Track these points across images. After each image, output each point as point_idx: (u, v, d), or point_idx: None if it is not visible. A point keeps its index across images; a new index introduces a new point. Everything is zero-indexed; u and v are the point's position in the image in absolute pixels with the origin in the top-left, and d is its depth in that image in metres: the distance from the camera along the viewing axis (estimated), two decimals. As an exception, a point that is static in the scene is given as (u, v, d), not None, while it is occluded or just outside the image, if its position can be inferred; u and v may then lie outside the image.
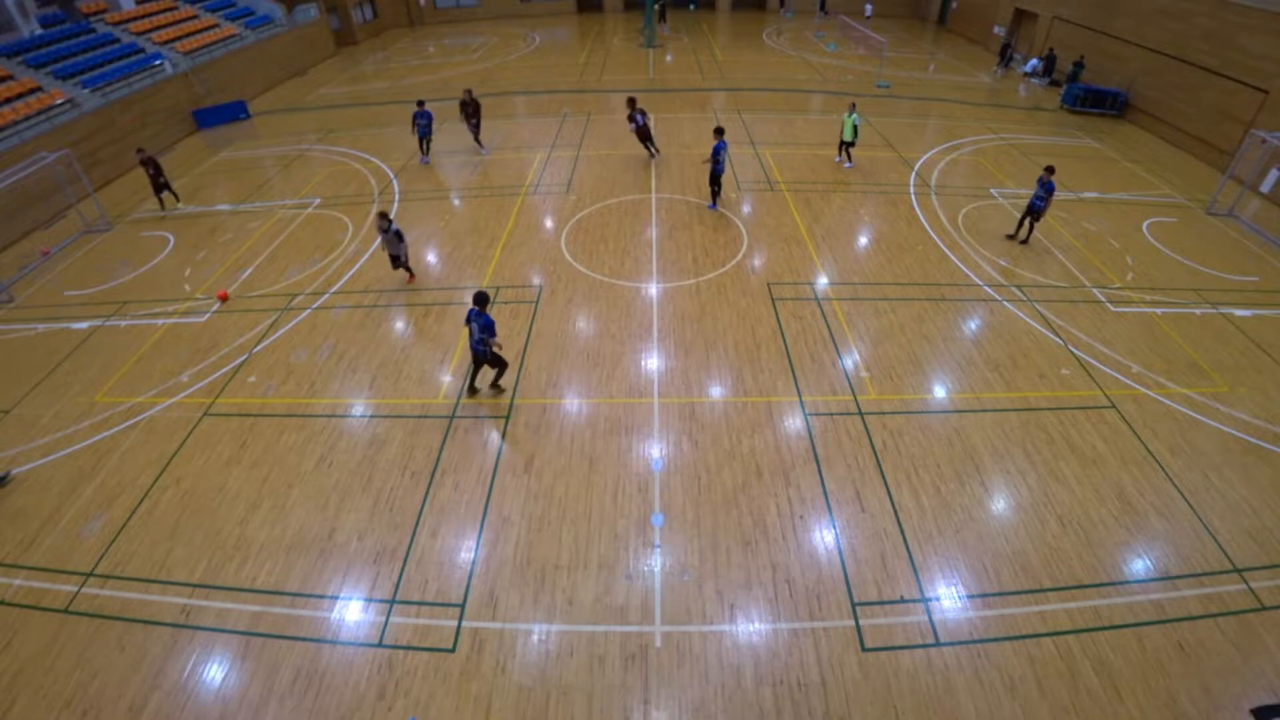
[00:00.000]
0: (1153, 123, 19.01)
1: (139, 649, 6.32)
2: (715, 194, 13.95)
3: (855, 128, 15.29)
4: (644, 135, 16.06)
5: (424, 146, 17.02)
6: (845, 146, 15.89)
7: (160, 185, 14.73)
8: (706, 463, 8.07)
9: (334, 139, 19.34)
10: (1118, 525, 7.29)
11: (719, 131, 13.37)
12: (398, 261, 11.47)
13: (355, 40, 32.12)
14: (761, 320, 10.59)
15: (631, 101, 15.92)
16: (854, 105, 15.25)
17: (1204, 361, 9.75)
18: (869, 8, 33.75)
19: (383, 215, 10.69)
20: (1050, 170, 11.93)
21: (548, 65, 26.83)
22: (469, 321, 8.34)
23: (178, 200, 15.34)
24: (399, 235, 11.03)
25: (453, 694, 5.86)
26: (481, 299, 8.25)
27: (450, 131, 19.51)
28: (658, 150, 16.85)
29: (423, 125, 16.56)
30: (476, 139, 17.58)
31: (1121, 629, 6.29)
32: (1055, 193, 12.09)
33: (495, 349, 8.37)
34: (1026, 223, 12.57)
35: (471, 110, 16.98)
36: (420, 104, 16.52)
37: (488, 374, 9.25)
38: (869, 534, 7.19)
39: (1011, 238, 12.95)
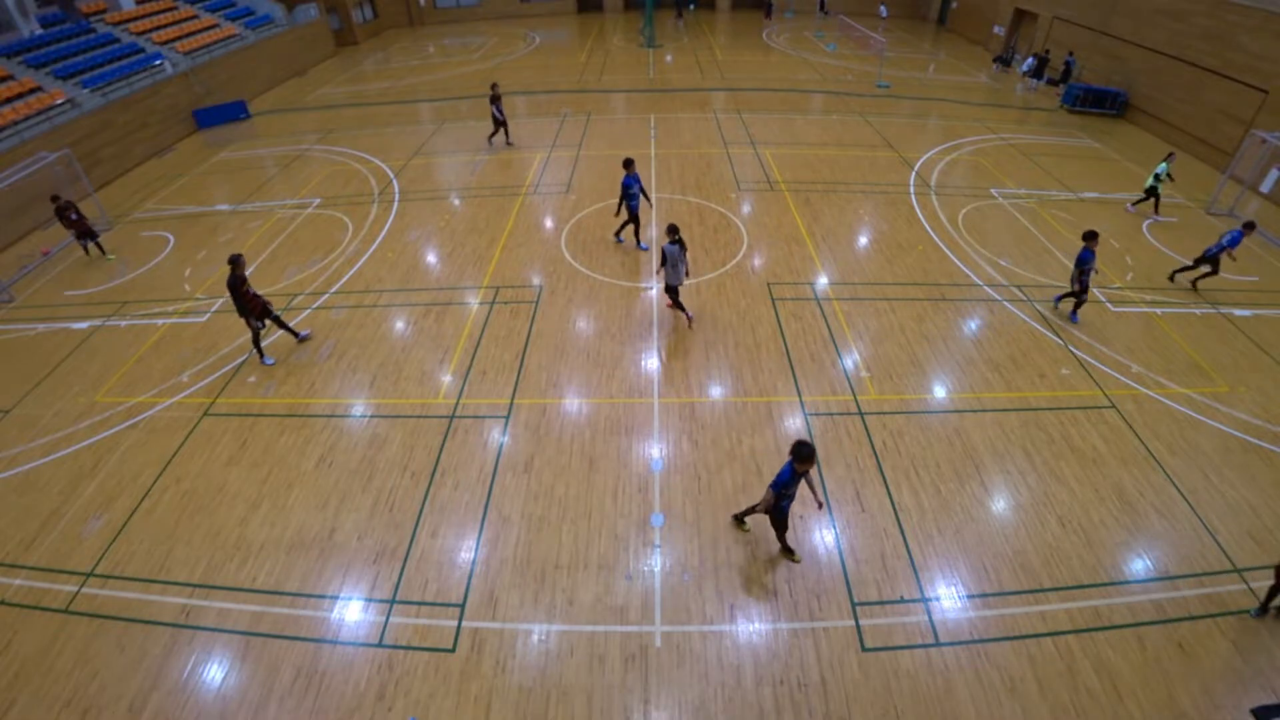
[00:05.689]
0: (1153, 123, 19.00)
1: (139, 649, 6.32)
2: None
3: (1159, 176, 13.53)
4: None
5: (637, 228, 12.48)
6: (1152, 194, 13.78)
7: (86, 232, 12.82)
8: (706, 463, 8.07)
9: (334, 139, 19.34)
10: (1118, 525, 7.29)
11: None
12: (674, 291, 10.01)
13: (355, 40, 32.12)
14: (761, 320, 10.59)
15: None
16: (1172, 154, 13.68)
17: (1204, 361, 9.75)
18: (884, 9, 33.75)
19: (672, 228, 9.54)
20: (1250, 226, 10.67)
21: (548, 65, 26.83)
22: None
23: (104, 252, 13.23)
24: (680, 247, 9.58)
25: (453, 694, 5.86)
26: (800, 452, 5.83)
27: (448, 131, 19.53)
28: None
29: (634, 196, 11.81)
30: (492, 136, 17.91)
31: (1121, 629, 6.29)
32: (1238, 244, 10.71)
33: (769, 503, 6.28)
34: (1200, 269, 11.25)
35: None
36: (629, 165, 11.65)
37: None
38: (869, 534, 7.19)
39: (1181, 273, 11.60)
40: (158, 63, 20.44)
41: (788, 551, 6.91)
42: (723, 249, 12.63)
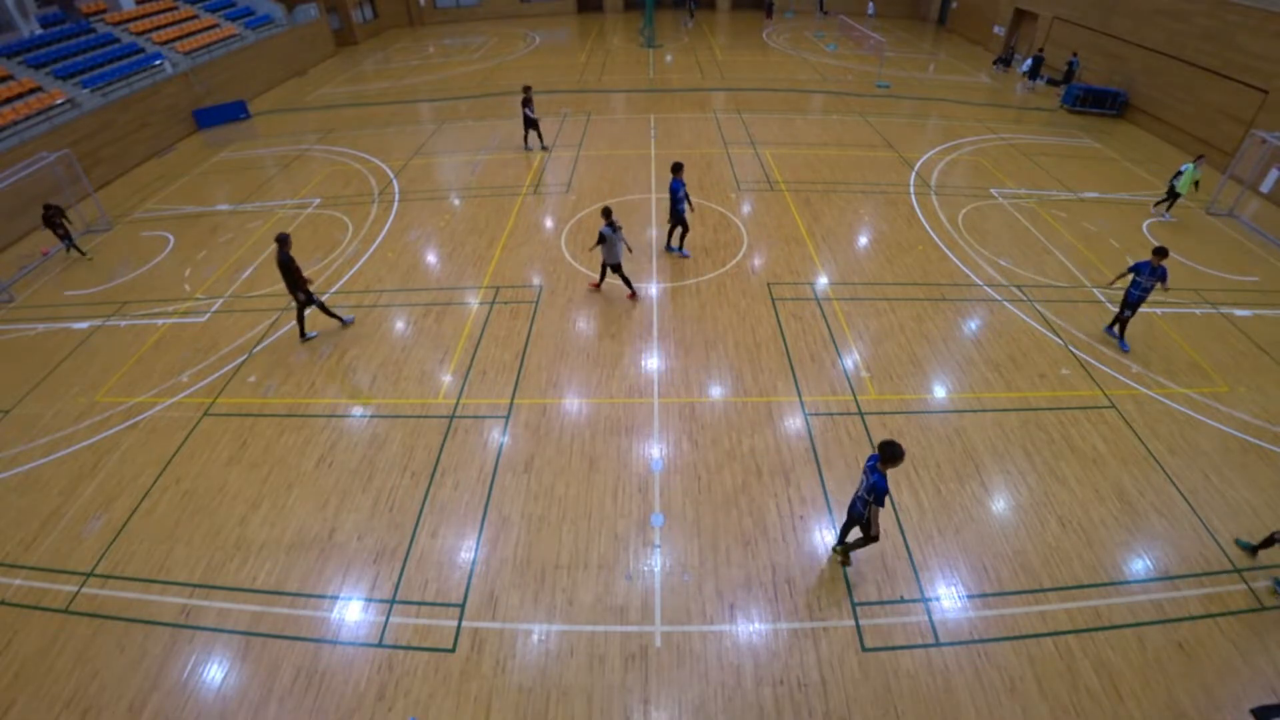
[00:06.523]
0: (1153, 123, 19.00)
1: (139, 649, 6.32)
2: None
3: (1196, 183, 13.45)
4: None
5: (684, 233, 12.25)
6: (1173, 198, 13.66)
7: (65, 235, 13.16)
8: (706, 463, 8.07)
9: (334, 139, 19.33)
10: (1118, 525, 7.29)
11: None
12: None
13: (355, 40, 32.12)
14: (761, 320, 10.59)
15: None
16: (1202, 157, 13.63)
17: (1204, 361, 9.75)
18: (872, 7, 33.71)
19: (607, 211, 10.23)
20: None
21: (548, 65, 26.83)
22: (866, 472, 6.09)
23: (82, 253, 13.47)
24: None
25: (453, 694, 5.86)
26: (889, 452, 5.79)
27: (448, 131, 19.53)
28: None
29: (681, 200, 11.57)
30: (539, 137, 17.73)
31: (1121, 629, 6.29)
32: None
33: (873, 519, 6.03)
34: None
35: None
36: (678, 169, 11.51)
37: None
38: (869, 534, 7.19)
39: None
40: (158, 63, 20.43)
41: (847, 551, 6.78)
42: (723, 249, 12.63)
